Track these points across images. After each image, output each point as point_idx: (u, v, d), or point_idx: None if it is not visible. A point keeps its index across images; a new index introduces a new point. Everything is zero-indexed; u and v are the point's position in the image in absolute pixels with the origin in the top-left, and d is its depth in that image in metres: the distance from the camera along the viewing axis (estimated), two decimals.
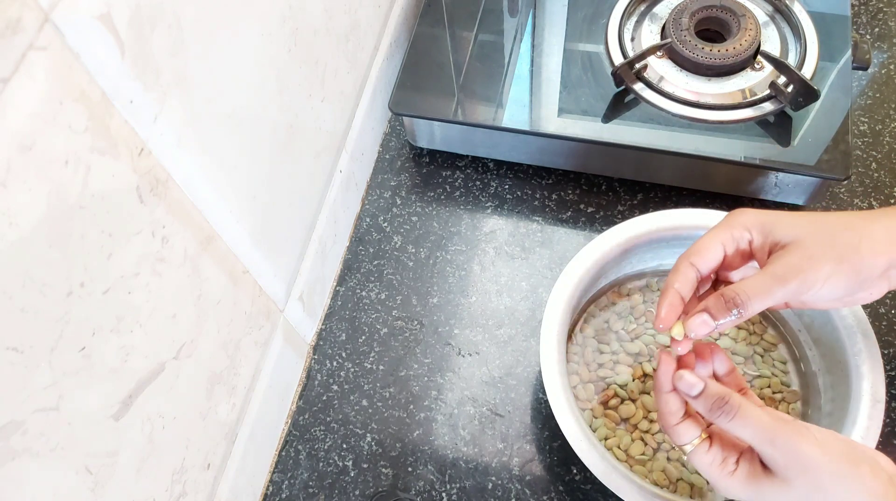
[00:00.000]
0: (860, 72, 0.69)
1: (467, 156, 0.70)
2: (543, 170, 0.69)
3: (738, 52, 0.61)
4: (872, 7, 0.75)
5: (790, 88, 0.60)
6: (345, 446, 0.58)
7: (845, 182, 0.65)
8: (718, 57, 0.62)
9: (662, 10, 0.67)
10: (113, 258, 0.34)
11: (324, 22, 0.54)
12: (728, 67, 0.62)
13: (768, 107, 0.61)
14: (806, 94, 0.59)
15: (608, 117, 0.63)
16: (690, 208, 0.55)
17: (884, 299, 0.60)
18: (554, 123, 0.63)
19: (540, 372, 0.52)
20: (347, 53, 0.60)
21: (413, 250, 0.66)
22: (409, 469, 0.57)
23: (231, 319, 0.47)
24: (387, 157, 0.72)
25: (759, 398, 0.44)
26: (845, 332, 0.51)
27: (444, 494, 0.56)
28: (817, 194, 0.62)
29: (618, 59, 0.65)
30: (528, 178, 0.69)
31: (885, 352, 0.57)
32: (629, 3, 0.68)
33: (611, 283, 0.60)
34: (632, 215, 0.57)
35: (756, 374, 0.56)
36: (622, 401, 0.56)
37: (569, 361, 0.57)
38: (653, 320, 0.58)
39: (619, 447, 0.54)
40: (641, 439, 0.54)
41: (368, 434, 0.59)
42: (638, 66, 0.63)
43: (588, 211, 0.67)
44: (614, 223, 0.55)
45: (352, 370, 0.61)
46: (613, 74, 0.63)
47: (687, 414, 0.42)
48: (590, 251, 0.54)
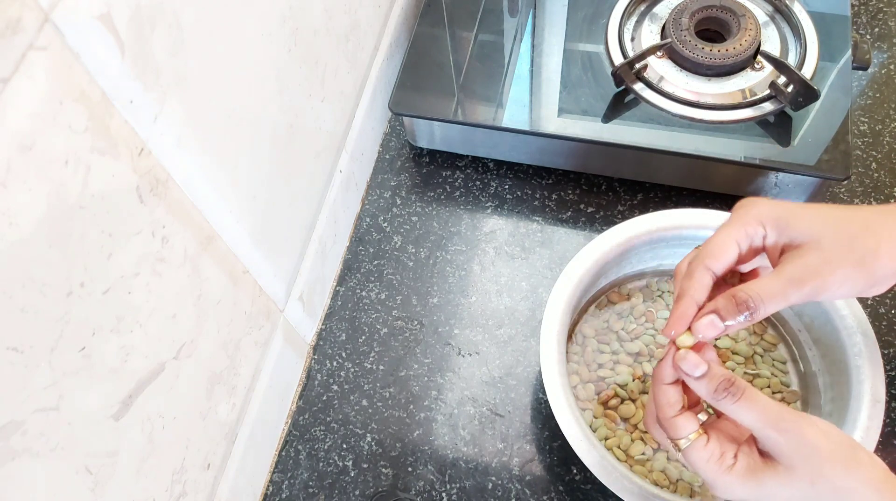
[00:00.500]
0: (860, 72, 0.69)
1: (467, 156, 0.70)
2: (543, 170, 0.69)
3: (738, 52, 0.61)
4: (872, 7, 0.75)
5: (790, 88, 0.60)
6: (345, 446, 0.58)
7: (845, 182, 0.65)
8: (718, 57, 0.62)
9: (662, 10, 0.67)
10: (113, 258, 0.34)
11: (324, 22, 0.54)
12: (728, 67, 0.62)
13: (768, 107, 0.61)
14: (806, 94, 0.59)
15: (608, 117, 0.63)
16: (690, 208, 0.55)
17: (884, 299, 0.60)
18: (554, 123, 0.63)
19: (540, 372, 0.52)
20: (347, 53, 0.60)
21: (413, 250, 0.66)
22: (409, 469, 0.57)
23: (231, 319, 0.47)
24: (387, 157, 0.72)
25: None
26: (845, 332, 0.51)
27: (444, 494, 0.56)
28: (817, 193, 0.62)
29: (618, 60, 0.65)
30: (528, 178, 0.69)
31: (885, 352, 0.57)
32: (629, 3, 0.68)
33: (611, 283, 0.60)
34: (632, 215, 0.57)
35: (756, 374, 0.56)
36: (622, 401, 0.56)
37: (569, 361, 0.57)
38: (663, 326, 0.58)
39: (619, 447, 0.54)
40: (641, 439, 0.54)
41: (368, 434, 0.59)
42: (638, 66, 0.63)
43: (588, 211, 0.67)
44: (614, 223, 0.55)
45: (352, 370, 0.61)
46: (613, 74, 0.63)
47: (683, 409, 0.40)
48: (590, 251, 0.54)
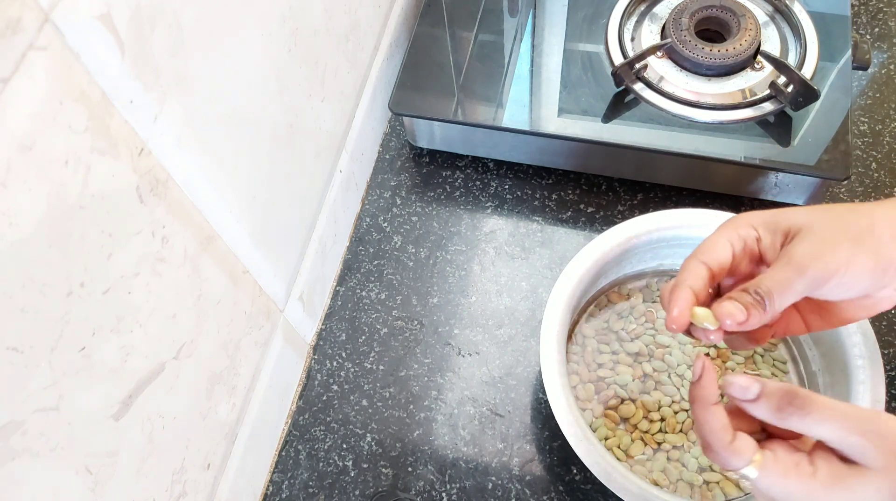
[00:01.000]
0: (860, 72, 0.69)
1: (467, 156, 0.70)
2: (543, 170, 0.69)
3: (738, 52, 0.61)
4: (872, 7, 0.75)
5: (790, 88, 0.60)
6: (345, 446, 0.58)
7: (845, 182, 0.65)
8: (718, 57, 0.62)
9: (662, 10, 0.67)
10: (113, 258, 0.34)
11: (324, 22, 0.54)
12: (728, 67, 0.62)
13: (768, 107, 0.61)
14: (806, 94, 0.59)
15: (608, 117, 0.63)
16: (690, 208, 0.55)
17: None
18: (554, 123, 0.63)
19: (540, 372, 0.52)
20: (347, 53, 0.60)
21: (413, 250, 0.66)
22: (409, 469, 0.57)
23: (231, 319, 0.47)
24: (387, 157, 0.72)
25: None
26: (845, 332, 0.51)
27: (444, 494, 0.56)
28: (817, 194, 0.62)
29: (618, 60, 0.65)
30: (528, 178, 0.69)
31: (885, 352, 0.57)
32: (629, 3, 0.68)
33: (611, 283, 0.60)
34: (632, 215, 0.57)
35: (756, 374, 0.56)
36: (622, 401, 0.56)
37: (569, 361, 0.57)
38: (664, 321, 0.57)
39: (619, 447, 0.54)
40: (641, 439, 0.54)
41: (368, 434, 0.59)
42: (638, 66, 0.63)
43: (588, 211, 0.67)
44: (614, 223, 0.55)
45: (352, 370, 0.61)
46: (613, 74, 0.63)
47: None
48: (590, 251, 0.54)
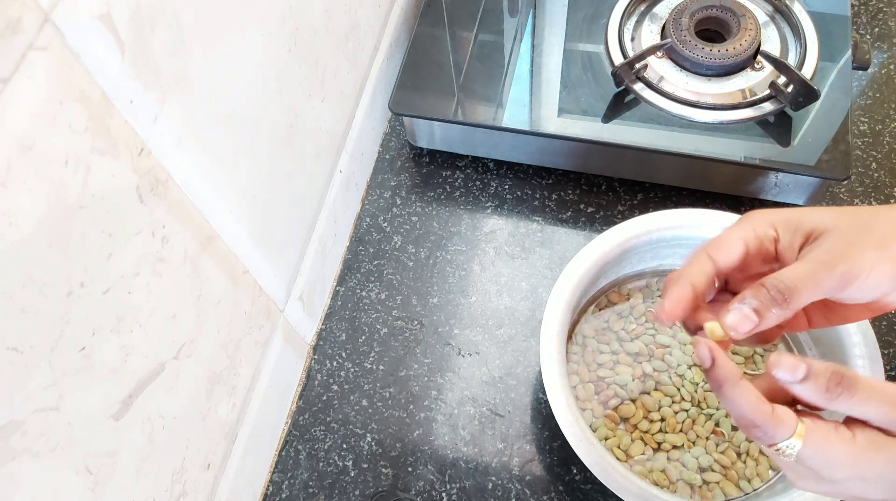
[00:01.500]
0: (860, 72, 0.69)
1: (467, 156, 0.70)
2: (543, 170, 0.69)
3: (738, 52, 0.61)
4: (872, 7, 0.75)
5: (790, 88, 0.60)
6: (345, 446, 0.58)
7: (845, 182, 0.65)
8: (718, 57, 0.62)
9: (662, 10, 0.67)
10: (113, 258, 0.34)
11: (324, 22, 0.54)
12: (728, 67, 0.62)
13: (768, 107, 0.61)
14: (806, 94, 0.59)
15: (608, 117, 0.63)
16: (690, 208, 0.55)
17: None
18: (554, 123, 0.63)
19: (540, 372, 0.52)
20: (347, 53, 0.60)
21: (413, 250, 0.66)
22: (409, 469, 0.57)
23: (231, 319, 0.47)
24: (387, 157, 0.72)
25: None
26: (845, 332, 0.51)
27: (444, 494, 0.56)
28: (817, 193, 0.62)
29: (618, 60, 0.65)
30: (528, 178, 0.69)
31: (885, 352, 0.57)
32: (629, 3, 0.68)
33: (611, 283, 0.60)
34: (632, 215, 0.57)
35: (756, 374, 0.56)
36: (622, 401, 0.56)
37: (569, 361, 0.57)
38: (656, 311, 0.57)
39: (619, 447, 0.54)
40: (641, 439, 0.54)
41: (368, 434, 0.59)
42: (638, 66, 0.63)
43: (588, 211, 0.67)
44: (614, 223, 0.55)
45: (352, 370, 0.61)
46: (613, 74, 0.63)
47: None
48: (590, 251, 0.54)
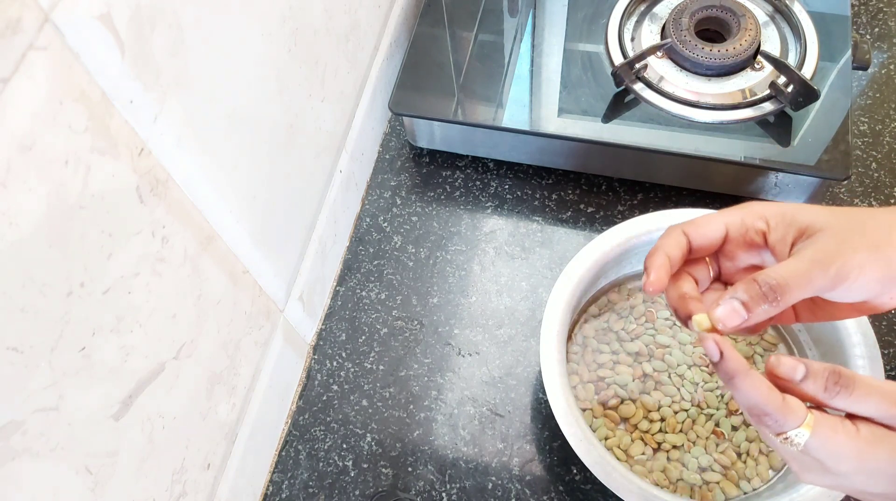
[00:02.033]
0: (860, 72, 0.69)
1: (467, 156, 0.70)
2: (543, 170, 0.69)
3: (738, 52, 0.61)
4: (872, 7, 0.75)
5: (790, 88, 0.60)
6: (345, 446, 0.58)
7: (845, 182, 0.65)
8: (718, 57, 0.62)
9: (662, 10, 0.67)
10: (113, 258, 0.34)
11: (324, 22, 0.54)
12: (728, 67, 0.62)
13: (768, 107, 0.61)
14: (806, 94, 0.59)
15: (608, 117, 0.63)
16: (690, 208, 0.55)
17: None
18: (554, 123, 0.63)
19: (540, 372, 0.52)
20: (347, 53, 0.60)
21: (413, 250, 0.66)
22: (409, 469, 0.57)
23: (231, 319, 0.47)
24: (387, 157, 0.72)
25: None
26: (845, 332, 0.51)
27: (444, 494, 0.56)
28: (817, 194, 0.62)
29: (618, 60, 0.65)
30: (528, 178, 0.69)
31: (885, 352, 0.57)
32: (629, 3, 0.68)
33: (611, 283, 0.60)
34: (632, 215, 0.57)
35: None
36: (622, 401, 0.56)
37: (569, 361, 0.57)
38: (664, 321, 0.58)
39: (619, 447, 0.54)
40: (641, 439, 0.54)
41: (368, 434, 0.59)
42: (638, 66, 0.63)
43: (588, 211, 0.67)
44: (614, 223, 0.55)
45: (352, 370, 0.61)
46: (613, 74, 0.63)
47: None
48: (590, 251, 0.54)
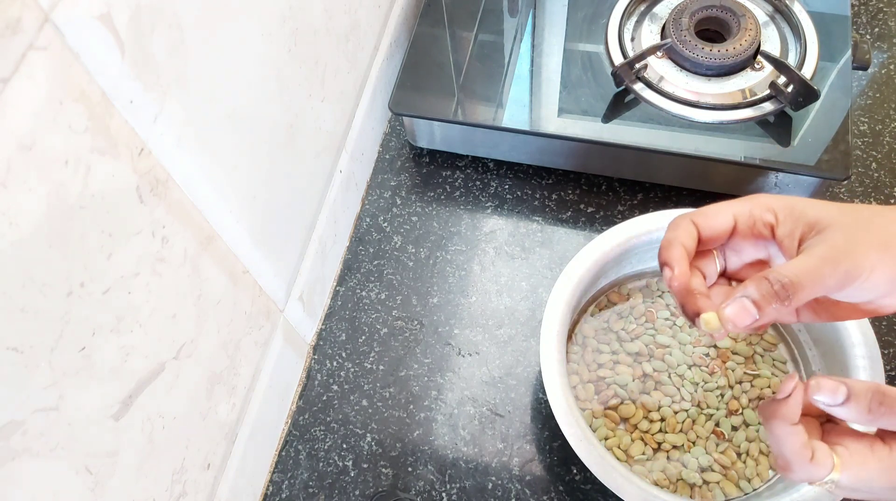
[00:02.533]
0: (860, 72, 0.69)
1: (467, 156, 0.70)
2: (543, 170, 0.69)
3: (738, 52, 0.61)
4: (872, 7, 0.75)
5: (790, 88, 0.60)
6: (345, 446, 0.58)
7: (845, 182, 0.65)
8: (718, 57, 0.62)
9: (662, 10, 0.67)
10: (113, 258, 0.34)
11: (324, 22, 0.54)
12: (728, 67, 0.62)
13: (768, 107, 0.61)
14: (806, 94, 0.59)
15: (608, 117, 0.63)
16: (690, 208, 0.55)
17: None
18: (554, 123, 0.63)
19: (540, 372, 0.52)
20: (347, 53, 0.60)
21: (413, 250, 0.66)
22: (409, 469, 0.57)
23: (231, 319, 0.47)
24: (387, 157, 0.72)
25: None
26: (845, 332, 0.51)
27: (444, 494, 0.56)
28: (817, 194, 0.62)
29: (618, 60, 0.65)
30: (528, 178, 0.69)
31: (885, 352, 0.57)
32: (629, 3, 0.68)
33: (611, 283, 0.60)
34: (632, 215, 0.57)
35: (756, 374, 0.56)
36: (622, 401, 0.56)
37: (569, 361, 0.57)
38: (663, 321, 0.58)
39: (619, 447, 0.54)
40: (641, 439, 0.54)
41: (368, 434, 0.59)
42: (638, 66, 0.63)
43: (588, 211, 0.67)
44: (614, 223, 0.55)
45: (352, 370, 0.61)
46: (613, 74, 0.63)
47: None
48: (590, 251, 0.54)
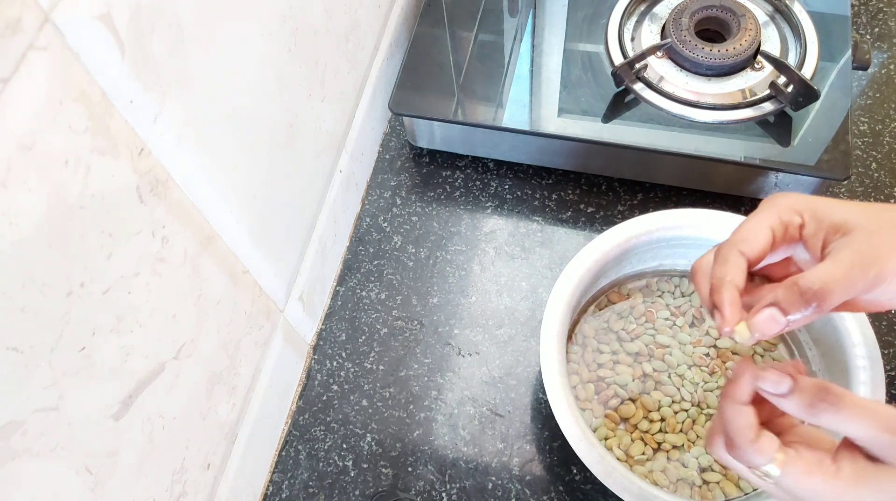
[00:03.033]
0: (860, 72, 0.69)
1: (467, 156, 0.70)
2: (543, 170, 0.69)
3: (738, 52, 0.61)
4: (872, 7, 0.75)
5: (790, 88, 0.60)
6: (345, 446, 0.58)
7: (845, 182, 0.65)
8: (718, 57, 0.62)
9: (662, 10, 0.67)
10: (113, 258, 0.34)
11: (324, 22, 0.54)
12: (728, 67, 0.62)
13: (768, 107, 0.61)
14: (806, 94, 0.59)
15: (608, 117, 0.63)
16: (690, 208, 0.55)
17: None
18: (554, 123, 0.63)
19: (540, 372, 0.52)
20: (347, 53, 0.60)
21: (413, 250, 0.66)
22: (409, 469, 0.57)
23: (231, 319, 0.47)
24: (387, 157, 0.72)
25: None
26: (846, 332, 0.51)
27: (444, 494, 0.56)
28: (817, 193, 0.62)
29: (618, 60, 0.65)
30: (528, 178, 0.69)
31: (885, 352, 0.57)
32: (629, 3, 0.68)
33: (611, 283, 0.60)
34: (632, 215, 0.57)
35: None
36: (622, 401, 0.56)
37: (569, 361, 0.57)
38: (663, 322, 0.58)
39: (619, 447, 0.54)
40: (641, 439, 0.54)
41: (368, 434, 0.59)
42: (638, 66, 0.63)
43: (588, 211, 0.67)
44: (614, 223, 0.55)
45: (352, 370, 0.61)
46: (613, 74, 0.63)
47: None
48: (590, 251, 0.54)
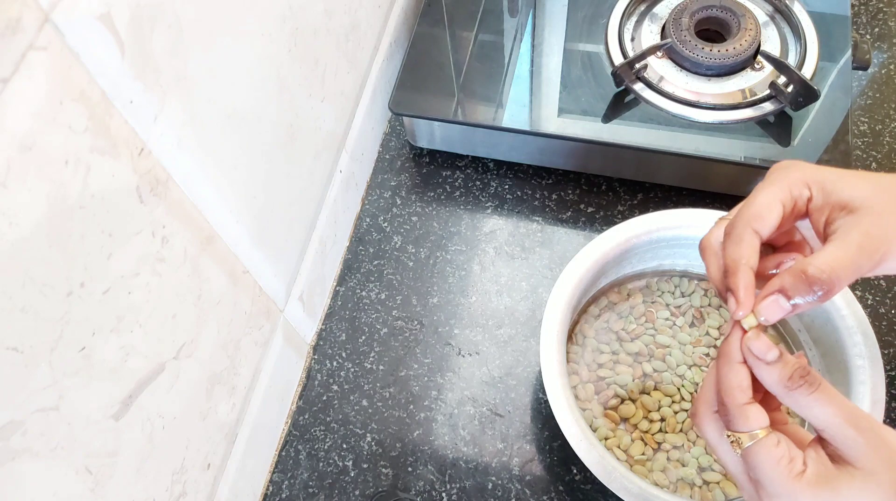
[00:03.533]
0: (860, 72, 0.69)
1: (467, 156, 0.70)
2: (543, 170, 0.69)
3: (738, 52, 0.61)
4: (872, 7, 0.75)
5: (790, 88, 0.60)
6: (345, 446, 0.58)
7: None
8: (718, 57, 0.62)
9: (662, 10, 0.67)
10: (113, 258, 0.34)
11: (324, 22, 0.54)
12: (728, 67, 0.62)
13: (768, 107, 0.61)
14: (806, 94, 0.59)
15: (608, 117, 0.63)
16: (690, 208, 0.55)
17: (884, 299, 0.60)
18: (554, 123, 0.63)
19: (540, 372, 0.52)
20: (347, 53, 0.60)
21: (413, 250, 0.66)
22: (409, 469, 0.57)
23: (231, 319, 0.47)
24: (387, 157, 0.72)
25: None
26: (845, 332, 0.51)
27: (444, 494, 0.56)
28: None
29: (618, 60, 0.65)
30: (528, 178, 0.69)
31: (885, 352, 0.57)
32: (629, 3, 0.68)
33: (611, 283, 0.60)
34: (632, 215, 0.57)
35: None
36: (622, 401, 0.56)
37: (569, 361, 0.57)
38: (664, 321, 0.58)
39: (619, 447, 0.54)
40: (641, 439, 0.54)
41: (368, 434, 0.59)
42: (638, 66, 0.63)
43: (588, 211, 0.67)
44: (614, 223, 0.55)
45: (352, 370, 0.61)
46: (613, 74, 0.63)
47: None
48: (590, 251, 0.54)
